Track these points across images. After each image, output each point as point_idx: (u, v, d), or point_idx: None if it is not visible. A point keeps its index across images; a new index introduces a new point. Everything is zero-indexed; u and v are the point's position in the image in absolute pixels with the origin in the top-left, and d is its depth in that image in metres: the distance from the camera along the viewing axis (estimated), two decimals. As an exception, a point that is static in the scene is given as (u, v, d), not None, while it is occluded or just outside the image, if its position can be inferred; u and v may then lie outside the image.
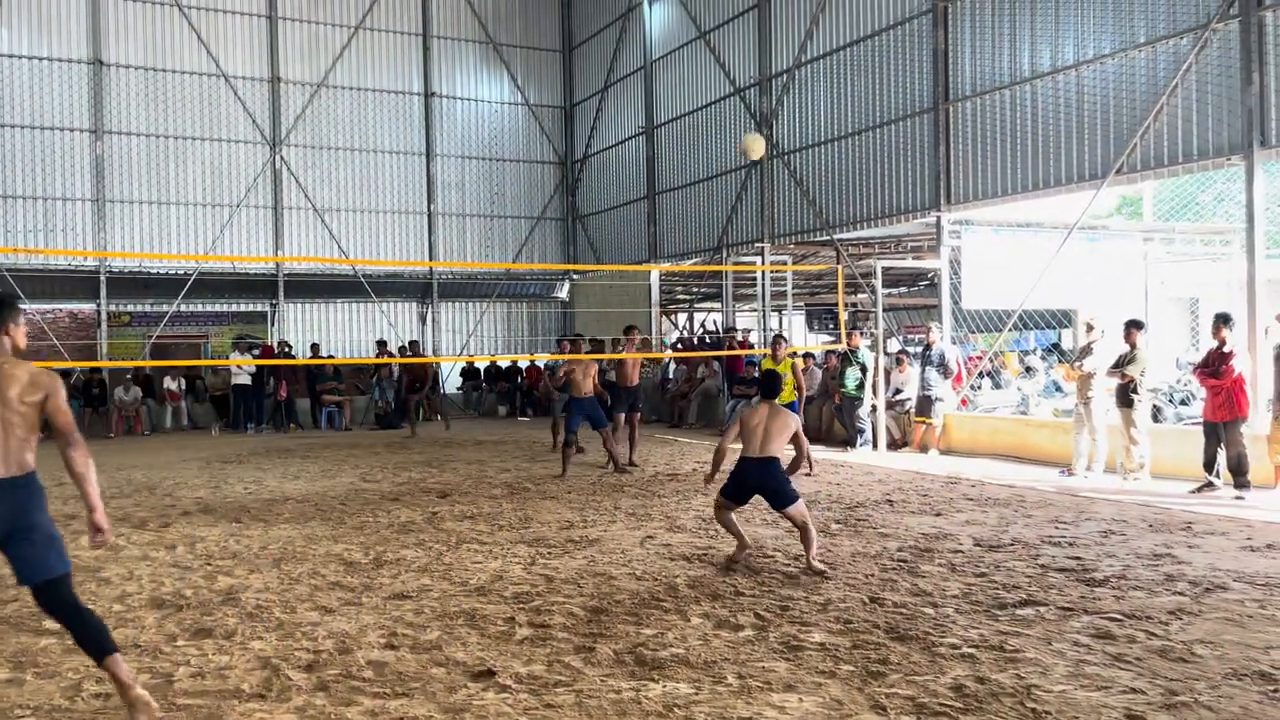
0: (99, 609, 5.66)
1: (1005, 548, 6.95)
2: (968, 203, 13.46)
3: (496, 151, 23.96)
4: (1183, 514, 8.15)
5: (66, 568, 3.95)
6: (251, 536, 7.84)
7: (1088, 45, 11.83)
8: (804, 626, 5.11)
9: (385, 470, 11.98)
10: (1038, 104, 12.45)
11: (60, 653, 4.88)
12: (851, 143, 15.56)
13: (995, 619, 5.20)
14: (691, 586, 5.96)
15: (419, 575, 6.37)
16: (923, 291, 23.46)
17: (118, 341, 20.16)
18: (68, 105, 19.57)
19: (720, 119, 18.88)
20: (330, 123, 21.96)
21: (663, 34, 20.69)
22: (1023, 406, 13.47)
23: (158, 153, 20.35)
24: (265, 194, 21.32)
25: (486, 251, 23.81)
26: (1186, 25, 10.74)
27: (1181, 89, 10.80)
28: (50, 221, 19.42)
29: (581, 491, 9.92)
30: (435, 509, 8.99)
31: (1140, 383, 9.79)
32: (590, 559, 6.77)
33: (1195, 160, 10.77)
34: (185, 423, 19.12)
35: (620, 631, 5.06)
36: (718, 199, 19.01)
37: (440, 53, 23.18)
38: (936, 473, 10.92)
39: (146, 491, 10.46)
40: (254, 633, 5.15)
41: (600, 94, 23.10)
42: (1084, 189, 11.99)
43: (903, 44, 14.44)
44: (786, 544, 7.19)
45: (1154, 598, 5.57)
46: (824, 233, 16.30)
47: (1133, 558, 6.57)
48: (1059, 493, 9.38)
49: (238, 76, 20.96)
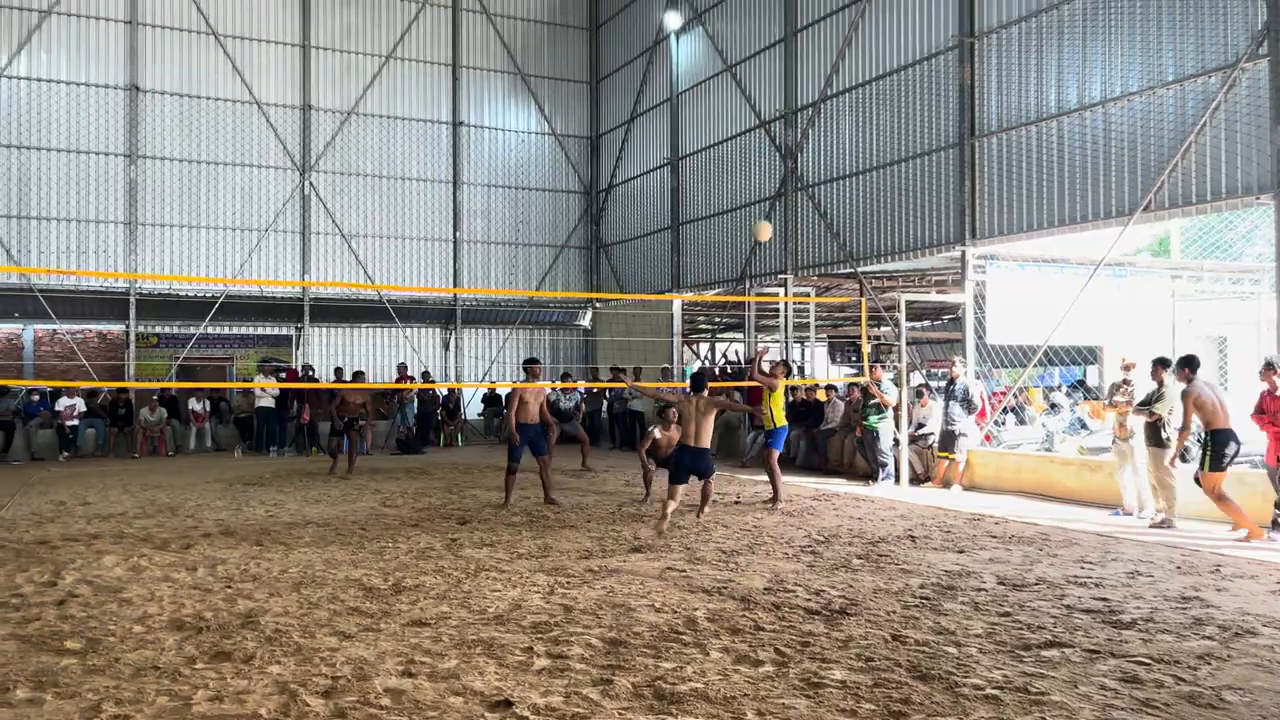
0: (119, 629, 5.69)
1: (1030, 587, 6.86)
2: (993, 238, 13.42)
3: (522, 180, 24.16)
4: (1211, 556, 8.02)
5: None
6: (272, 560, 7.86)
7: (1115, 83, 11.82)
8: (825, 663, 5.05)
9: (405, 496, 11.99)
10: (1064, 140, 12.43)
11: (81, 673, 4.89)
12: (876, 176, 15.58)
13: (1020, 660, 5.12)
14: (711, 620, 5.91)
15: (437, 602, 6.36)
16: (946, 326, 23.38)
17: (145, 362, 20.38)
18: (104, 130, 19.94)
19: (745, 151, 18.97)
20: (359, 150, 22.25)
21: (689, 67, 20.86)
22: (1047, 443, 13.34)
23: (190, 177, 20.67)
24: (294, 219, 21.58)
25: (510, 279, 23.95)
26: (1215, 64, 10.72)
27: (1210, 127, 10.76)
28: (83, 243, 19.74)
29: (600, 521, 9.89)
30: (454, 535, 8.98)
31: (1168, 421, 9.67)
32: (609, 589, 6.74)
33: (1224, 198, 10.71)
34: (209, 444, 19.26)
35: (639, 664, 5.02)
36: (742, 230, 19.06)
37: (469, 82, 23.47)
38: (960, 509, 10.81)
39: (169, 512, 10.53)
40: (272, 657, 5.15)
41: (626, 125, 23.28)
42: (1110, 225, 11.93)
43: (929, 79, 14.49)
44: (808, 579, 7.12)
45: (1182, 642, 5.47)
46: (847, 265, 16.29)
47: (1160, 600, 6.47)
48: (1084, 532, 9.26)
49: (270, 103, 21.30)
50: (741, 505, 11.13)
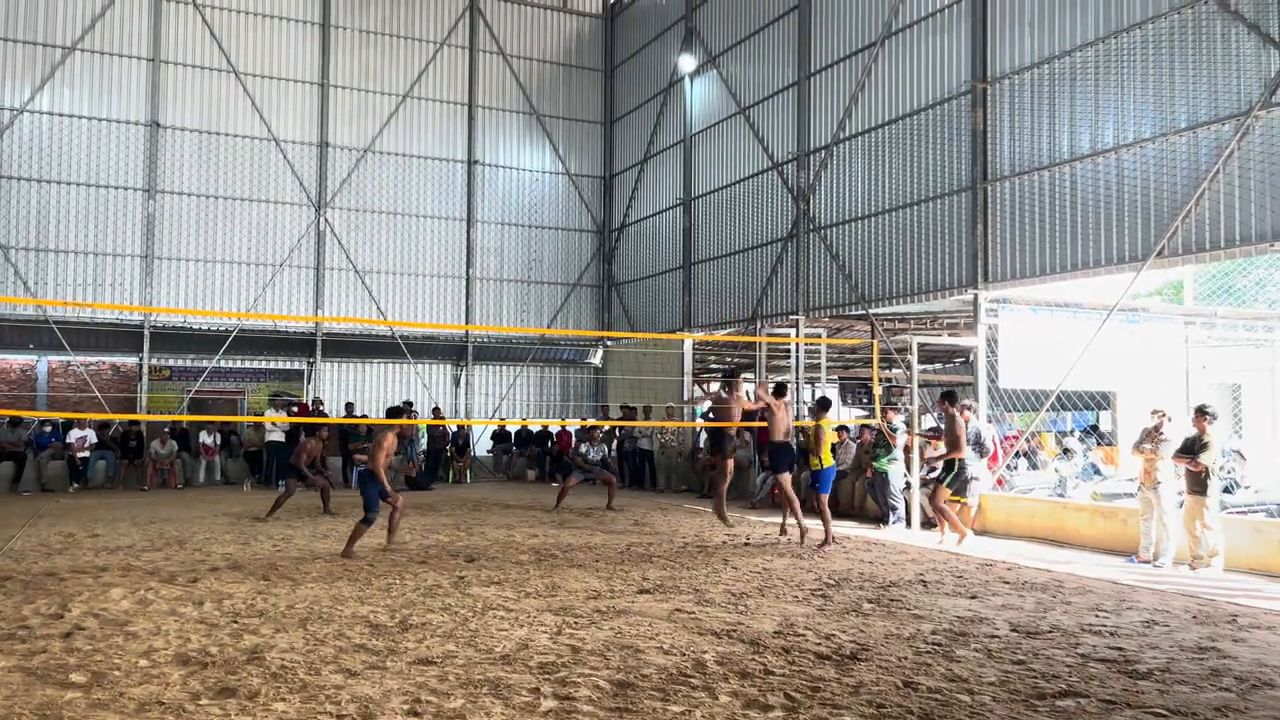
0: (124, 664, 5.65)
1: (1044, 635, 6.76)
2: (1005, 281, 13.42)
3: (536, 219, 24.33)
4: (1228, 606, 7.90)
5: None
6: (279, 595, 7.82)
7: (1128, 129, 11.88)
8: (835, 709, 4.98)
9: (413, 532, 11.95)
10: (1077, 186, 12.47)
11: (85, 707, 4.86)
12: (889, 219, 15.63)
13: (1034, 709, 5.04)
14: (720, 663, 5.84)
15: (444, 640, 6.31)
16: (958, 369, 23.30)
17: (157, 395, 20.46)
18: (123, 165, 20.20)
19: (758, 192, 19.08)
20: (375, 187, 22.47)
21: (703, 109, 21.06)
22: (1060, 489, 13.22)
23: (207, 212, 20.89)
24: (308, 254, 21.75)
25: (522, 316, 24.03)
26: (1228, 112, 10.77)
27: (1223, 174, 10.78)
28: (100, 276, 19.92)
29: (609, 561, 9.83)
30: (462, 573, 8.93)
31: (1212, 470, 9.60)
32: (617, 630, 6.67)
33: (1237, 245, 10.71)
34: (218, 477, 19.27)
35: (647, 707, 4.96)
36: (753, 271, 19.12)
37: (485, 122, 23.74)
38: (971, 554, 10.70)
39: (177, 545, 10.50)
40: (277, 694, 5.11)
41: (640, 165, 23.46)
42: (1124, 271, 11.93)
43: (941, 123, 14.58)
44: (818, 623, 7.05)
45: (1199, 693, 5.38)
46: (859, 307, 16.30)
47: (1177, 650, 6.37)
48: (1098, 579, 9.15)
49: (288, 140, 21.57)
50: (751, 547, 11.04)
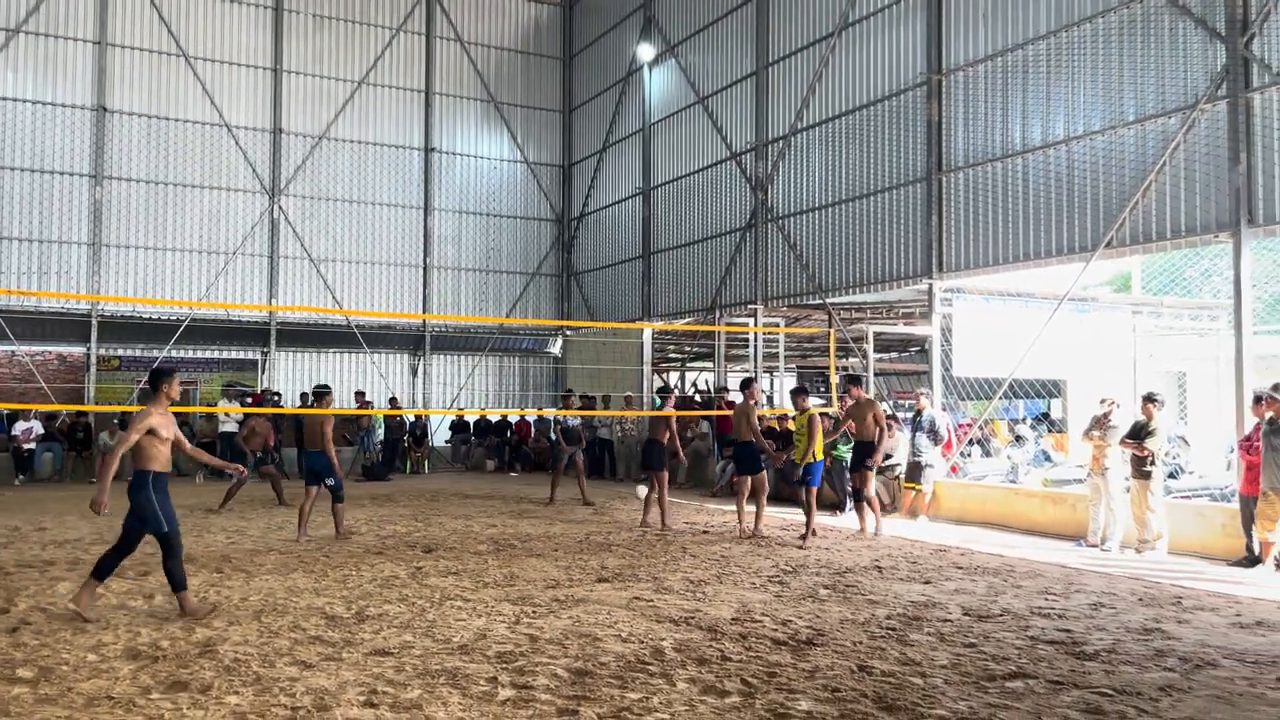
0: (73, 658, 5.56)
1: (994, 618, 6.89)
2: (959, 271, 13.60)
3: (494, 207, 24.18)
4: (1172, 588, 8.10)
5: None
6: (232, 587, 7.73)
7: (1078, 121, 12.07)
8: (791, 694, 5.03)
9: (370, 523, 11.85)
10: (1029, 177, 12.65)
11: (32, 702, 4.77)
12: (845, 209, 15.75)
13: (984, 691, 5.13)
14: (678, 650, 5.88)
15: (401, 631, 6.28)
16: (913, 358, 23.58)
17: (106, 386, 20.05)
18: (69, 150, 19.73)
19: (717, 182, 19.13)
20: (330, 174, 22.17)
21: (662, 98, 21.04)
22: (1012, 475, 13.45)
23: (156, 199, 20.48)
24: (262, 242, 21.43)
25: (480, 306, 23.89)
26: (1175, 105, 10.98)
27: (1170, 166, 11.00)
28: (45, 264, 19.45)
29: (568, 550, 9.83)
30: (419, 564, 8.88)
31: (1157, 456, 9.81)
32: (575, 619, 6.68)
33: (1184, 236, 10.94)
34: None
35: (605, 695, 4.98)
36: (712, 260, 19.17)
37: (442, 109, 23.52)
38: (926, 539, 10.86)
39: (127, 538, 10.31)
40: (231, 687, 5.05)
41: (599, 154, 23.40)
42: (1074, 261, 12.14)
43: (897, 115, 14.71)
44: (775, 609, 7.11)
45: (1144, 673, 5.51)
46: (817, 296, 16.42)
47: (1123, 632, 6.52)
48: (1048, 563, 9.33)
49: (240, 126, 21.20)
50: (710, 535, 11.10)
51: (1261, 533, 8.89)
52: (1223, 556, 9.45)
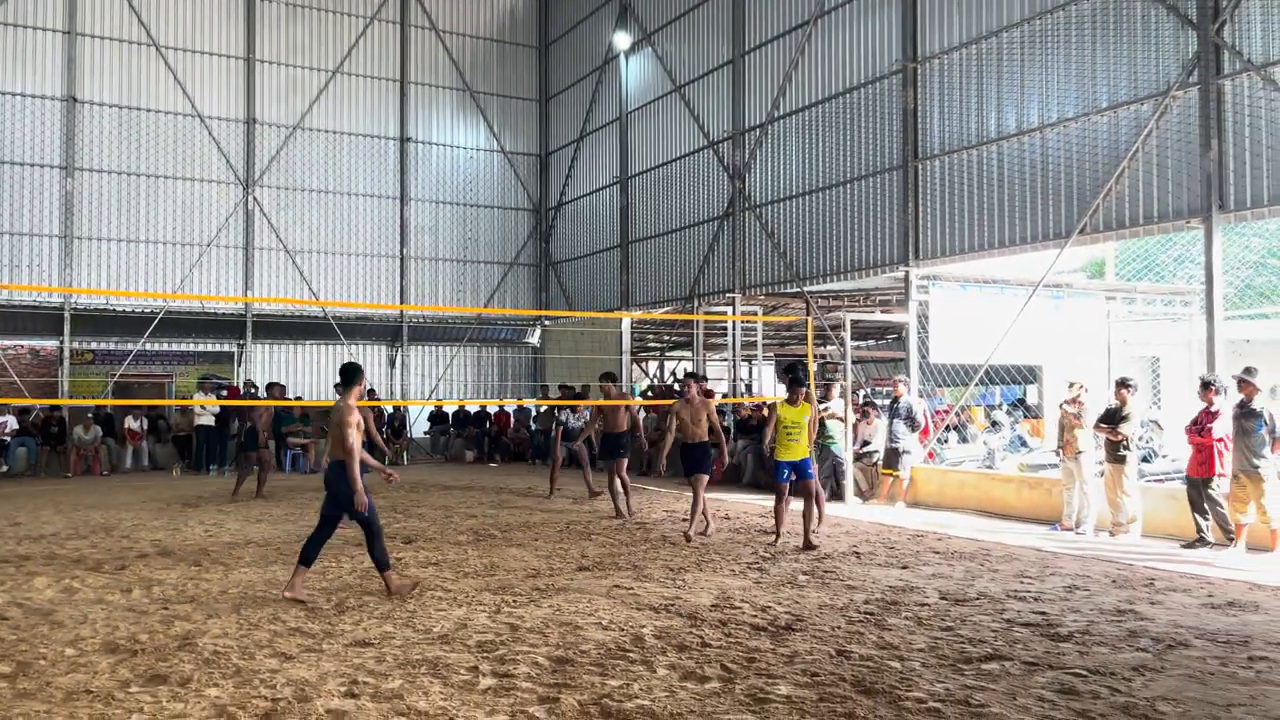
0: (50, 653, 5.52)
1: (971, 602, 6.96)
2: (935, 259, 13.68)
3: (471, 197, 24.09)
4: (1145, 570, 8.22)
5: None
6: (211, 580, 7.69)
7: (1051, 109, 12.16)
8: (770, 679, 5.08)
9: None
10: (1004, 164, 12.74)
11: (10, 697, 4.74)
12: (822, 197, 15.81)
13: (961, 673, 5.19)
14: (658, 637, 5.91)
15: (381, 622, 6.27)
16: (890, 345, 23.69)
17: (79, 379, 19.86)
18: (39, 141, 19.47)
19: (694, 171, 19.13)
20: (305, 165, 22.00)
21: (639, 86, 21.00)
22: (989, 461, 13.57)
23: (128, 190, 20.26)
24: (236, 234, 21.25)
25: (458, 296, 23.81)
26: (1148, 92, 11.08)
27: (1142, 153, 11.11)
28: (15, 256, 19.23)
29: (548, 539, 9.84)
30: (399, 555, 8.86)
31: (1131, 440, 9.92)
32: (556, 608, 6.70)
33: (1156, 222, 11.05)
34: (145, 463, 18.81)
35: (585, 682, 5.00)
36: (690, 249, 19.19)
37: (417, 98, 23.38)
38: (903, 525, 10.94)
39: (103, 533, 10.24)
40: (210, 679, 5.03)
41: (576, 143, 23.34)
42: (1048, 248, 12.24)
43: (873, 102, 14.76)
44: (754, 596, 7.16)
45: (1117, 654, 5.60)
46: (794, 285, 16.48)
47: (1097, 613, 6.61)
48: (1024, 547, 9.44)
49: (213, 117, 20.99)
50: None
51: (1233, 515, 9.01)
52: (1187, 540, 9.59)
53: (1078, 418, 10.36)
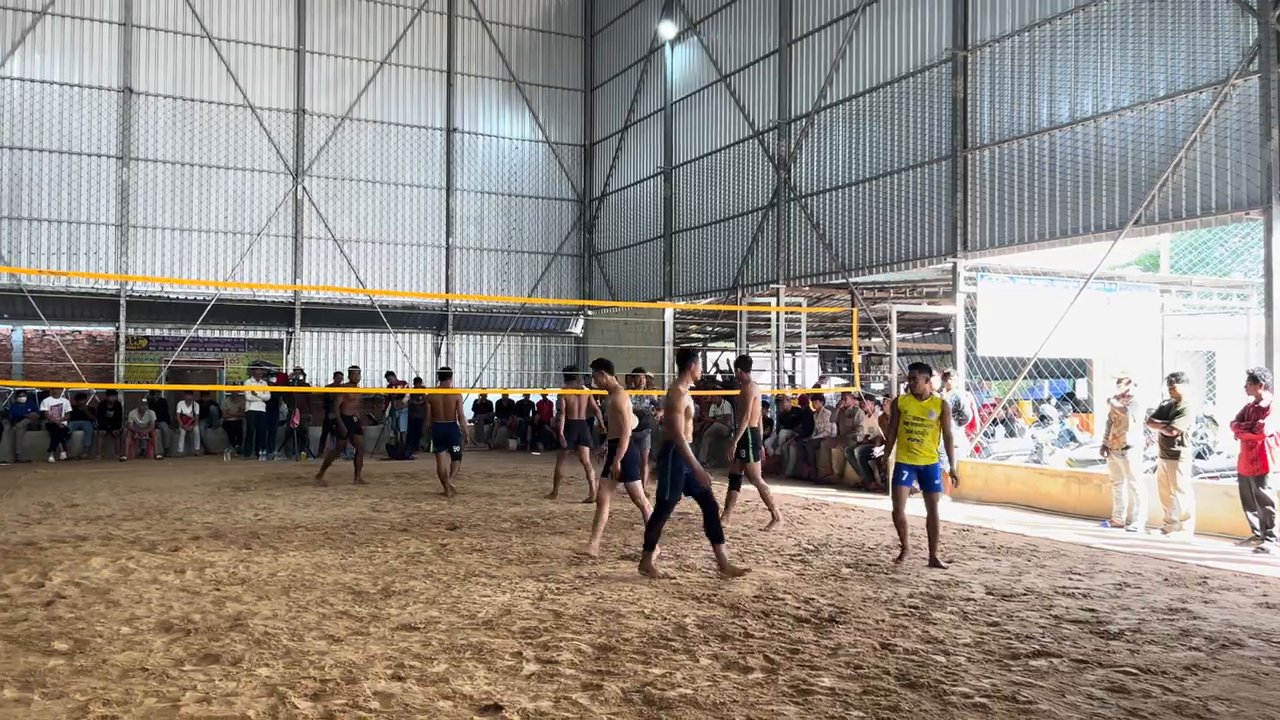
0: (107, 631, 5.66)
1: (1018, 597, 6.88)
2: (984, 250, 13.49)
3: (515, 187, 24.20)
4: (1198, 568, 8.05)
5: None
6: (260, 563, 7.84)
7: (1107, 98, 11.91)
8: (814, 670, 5.06)
9: (395, 500, 11.97)
10: (1056, 154, 12.51)
11: (68, 674, 4.87)
12: (869, 187, 15.65)
13: (1008, 669, 5.13)
14: (701, 627, 5.92)
15: (427, 607, 6.35)
16: (937, 337, 23.44)
17: (134, 365, 20.31)
18: (96, 131, 19.90)
19: (739, 161, 19.04)
20: (352, 155, 22.25)
21: (684, 76, 20.93)
22: (1036, 455, 13.38)
23: (182, 180, 20.64)
24: (286, 223, 21.56)
25: (502, 285, 23.96)
26: (1206, 80, 10.81)
27: (1200, 143, 10.85)
28: (74, 245, 19.68)
29: (589, 528, 9.87)
30: (444, 541, 8.97)
31: (1186, 436, 9.73)
32: (599, 596, 6.74)
33: (1214, 214, 10.80)
34: (197, 447, 19.19)
35: (628, 670, 5.03)
36: (734, 240, 19.11)
37: (463, 89, 23.52)
38: (948, 519, 10.82)
39: (157, 515, 10.48)
40: (261, 660, 5.14)
41: (620, 133, 23.33)
42: (1101, 239, 12.01)
43: (922, 92, 14.58)
44: (797, 587, 7.13)
45: (1169, 653, 5.50)
46: (839, 276, 16.35)
47: (1148, 611, 6.49)
48: (1072, 543, 9.30)
49: (263, 108, 21.29)
50: (731, 514, 11.11)
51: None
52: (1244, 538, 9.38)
53: (1124, 411, 10.18)
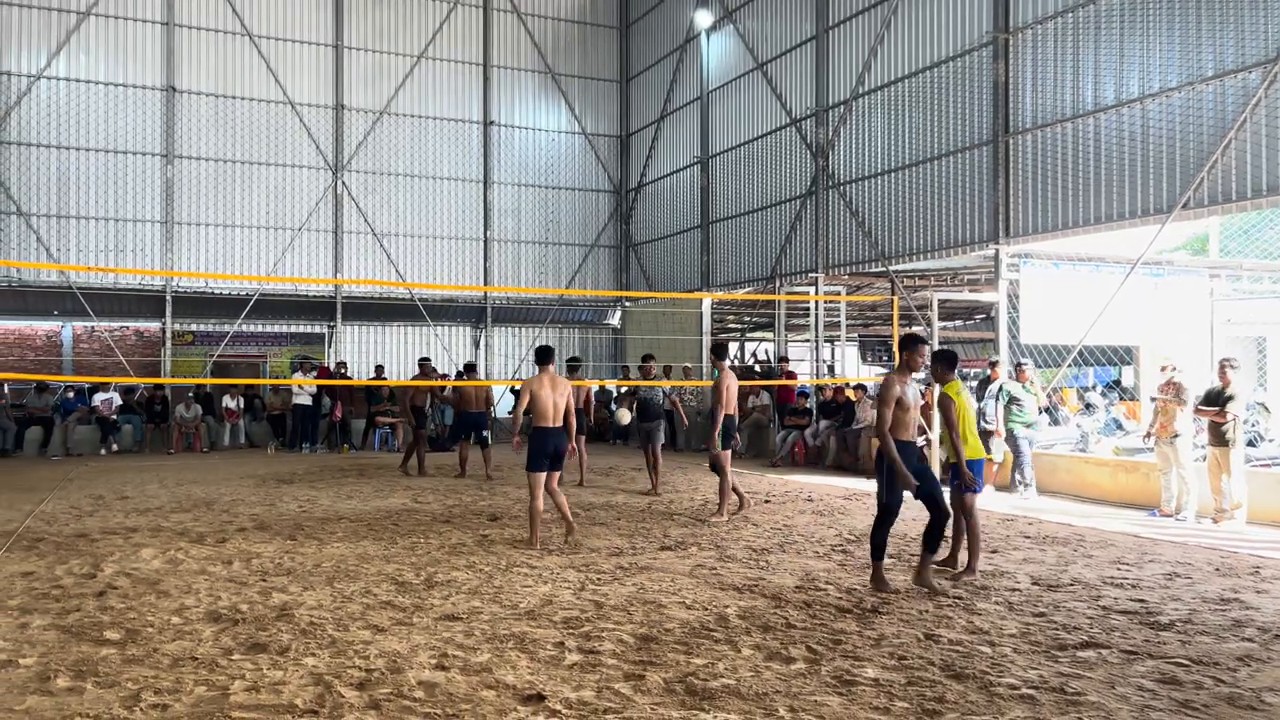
0: (157, 621, 5.77)
1: (1065, 588, 6.78)
2: (1027, 236, 13.28)
3: (552, 179, 24.24)
4: (1250, 558, 7.89)
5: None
6: (305, 554, 7.94)
7: (1153, 78, 11.66)
8: (857, 661, 5.03)
9: (436, 492, 12.07)
10: (1100, 137, 12.28)
11: (120, 663, 4.97)
12: (909, 174, 15.47)
13: (1055, 660, 5.07)
14: (742, 617, 5.90)
15: (469, 597, 6.40)
16: (979, 325, 23.16)
17: (180, 359, 20.66)
18: (141, 130, 20.22)
19: (776, 149, 18.90)
20: (391, 149, 22.41)
21: (720, 65, 20.82)
22: (1082, 444, 13.17)
23: (224, 177, 20.93)
24: (326, 218, 21.78)
25: (540, 278, 24.03)
26: (1255, 59, 10.54)
27: (1250, 123, 10.58)
28: (121, 242, 20.04)
29: (631, 519, 9.90)
30: (486, 532, 9.03)
31: (1236, 422, 9.54)
32: (640, 586, 6.74)
33: (1265, 195, 10.53)
34: (242, 441, 19.48)
35: (670, 660, 5.03)
36: (772, 228, 19.00)
37: (500, 82, 23.58)
38: (992, 509, 10.71)
39: (204, 507, 10.66)
40: (307, 649, 5.20)
41: (656, 123, 23.27)
42: (1148, 223, 11.77)
43: (962, 76, 14.36)
44: (839, 578, 7.09)
45: (1221, 643, 5.39)
46: (879, 264, 16.18)
47: (1199, 602, 6.37)
48: (1120, 533, 9.15)
49: (303, 104, 21.51)
50: (772, 504, 11.09)
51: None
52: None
53: (1170, 401, 9.98)
